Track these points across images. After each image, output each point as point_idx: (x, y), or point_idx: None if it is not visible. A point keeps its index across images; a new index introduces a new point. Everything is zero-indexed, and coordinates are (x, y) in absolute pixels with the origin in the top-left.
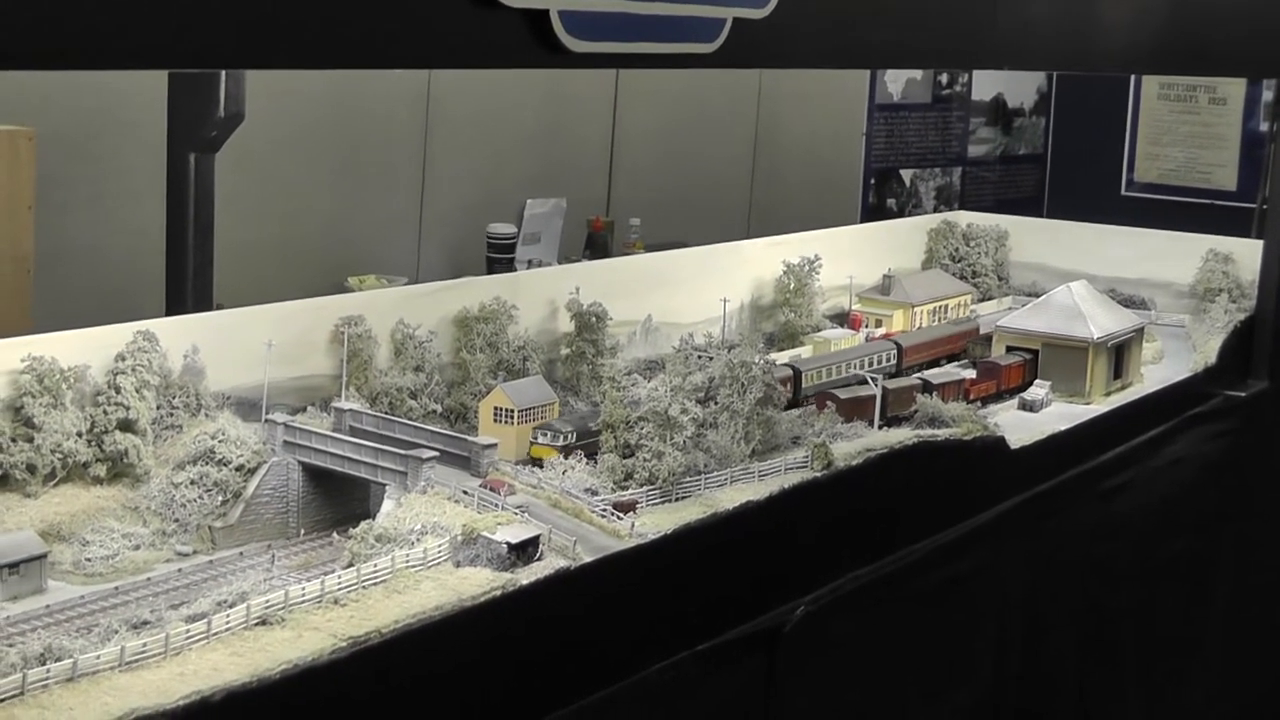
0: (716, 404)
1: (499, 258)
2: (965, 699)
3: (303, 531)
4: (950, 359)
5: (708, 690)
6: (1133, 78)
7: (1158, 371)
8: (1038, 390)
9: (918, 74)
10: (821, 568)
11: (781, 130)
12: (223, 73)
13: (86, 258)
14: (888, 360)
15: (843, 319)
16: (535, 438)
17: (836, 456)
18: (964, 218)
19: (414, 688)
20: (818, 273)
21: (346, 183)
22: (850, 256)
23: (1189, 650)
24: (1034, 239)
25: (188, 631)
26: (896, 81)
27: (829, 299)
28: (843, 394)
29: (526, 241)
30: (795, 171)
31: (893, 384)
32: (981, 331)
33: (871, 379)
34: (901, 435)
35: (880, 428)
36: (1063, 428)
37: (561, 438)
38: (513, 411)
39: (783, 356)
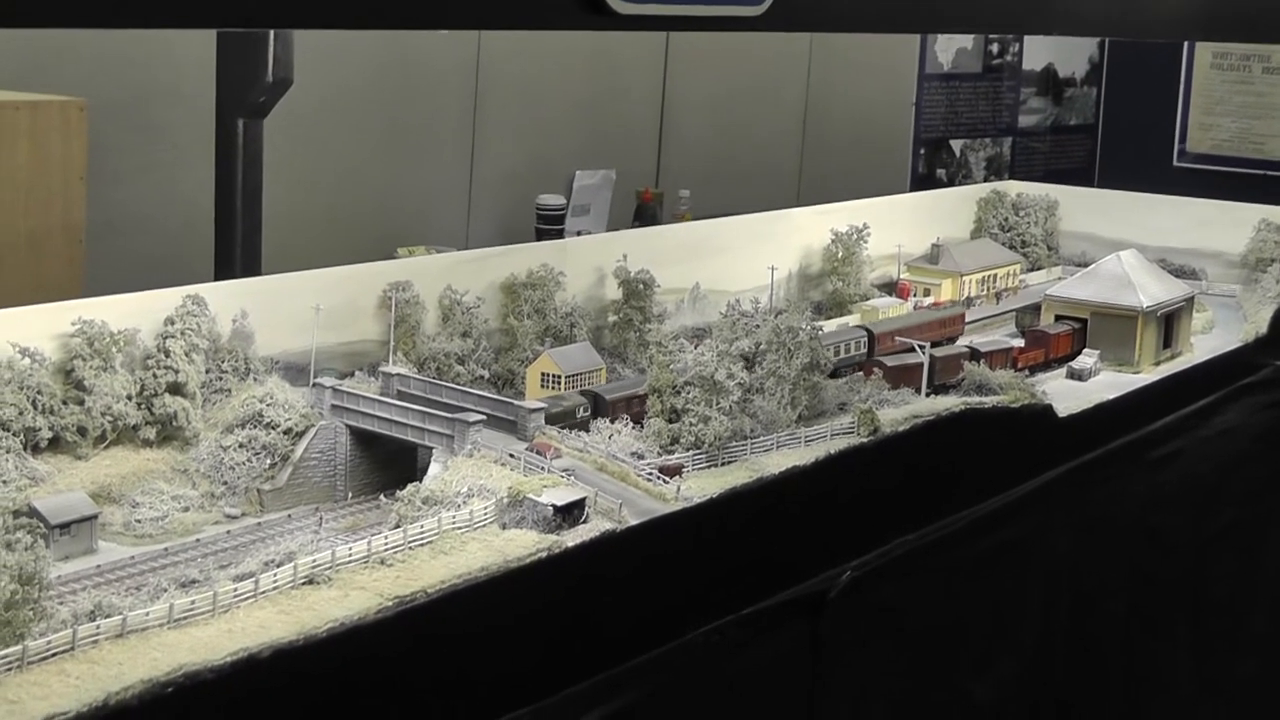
0: (763, 369)
1: (548, 229)
2: (1011, 667)
3: (350, 495)
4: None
5: (752, 655)
6: (1185, 47)
7: (1208, 341)
8: (1086, 359)
9: (968, 43)
10: (867, 533)
11: (831, 100)
12: (271, 37)
13: (137, 227)
14: (857, 349)
15: (891, 288)
16: None
17: (883, 422)
18: (1014, 187)
19: (459, 648)
20: (866, 241)
21: (395, 152)
22: (898, 226)
23: (1239, 620)
24: (1084, 209)
25: (235, 590)
26: (947, 51)
27: (877, 268)
28: (890, 361)
29: (575, 213)
30: (844, 142)
31: (940, 351)
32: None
33: (919, 346)
34: (949, 402)
35: (927, 395)
36: (1111, 397)
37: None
38: (560, 377)
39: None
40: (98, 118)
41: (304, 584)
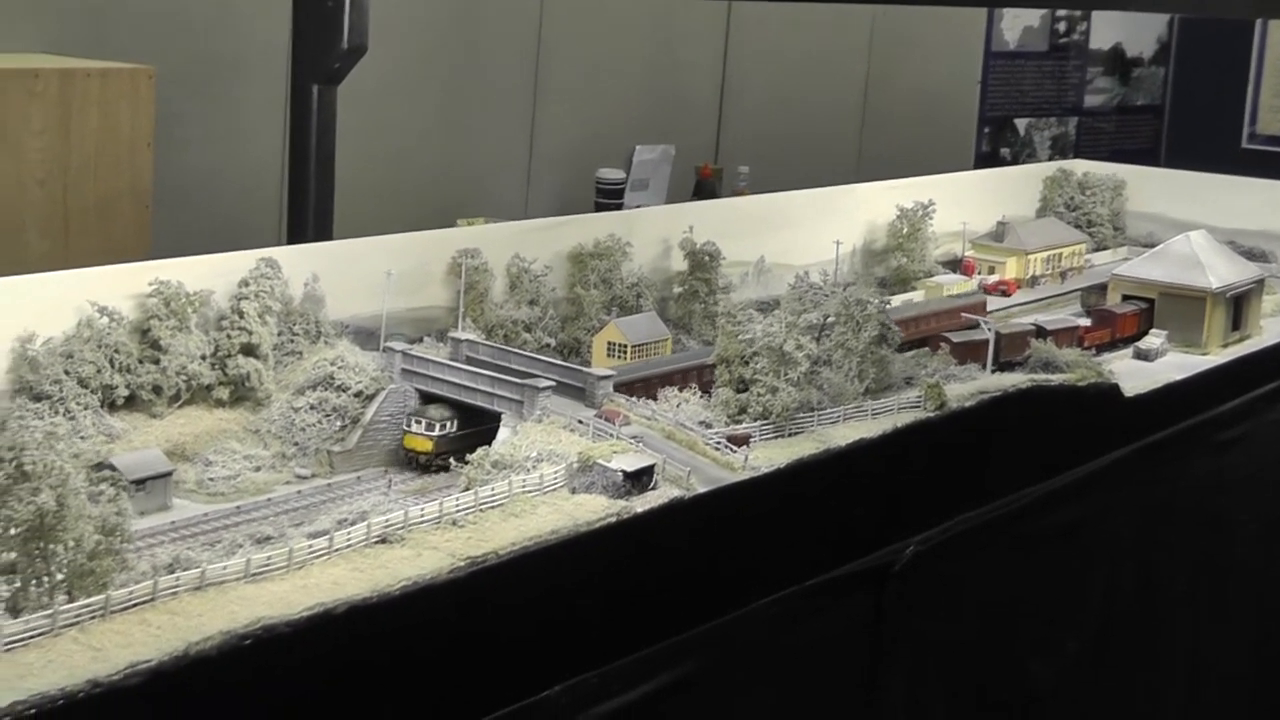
0: (831, 341)
1: (607, 203)
2: (1071, 646)
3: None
4: (922, 342)
5: (815, 626)
6: (1257, 27)
7: (1278, 324)
8: (1153, 339)
9: (1035, 21)
10: (932, 508)
11: (893, 79)
12: (347, 4)
13: (203, 194)
14: None
15: (955, 265)
16: (409, 426)
17: (950, 398)
18: (1080, 166)
19: (529, 609)
20: (931, 218)
21: (457, 124)
22: (963, 203)
23: None
24: (1151, 189)
25: (310, 547)
26: (1013, 29)
27: (942, 245)
28: (956, 337)
29: (634, 188)
30: (906, 120)
31: (1006, 328)
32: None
33: (984, 323)
34: (1015, 379)
35: (993, 371)
36: (1178, 378)
37: (439, 426)
38: (626, 346)
39: None
40: (166, 85)
41: (377, 543)
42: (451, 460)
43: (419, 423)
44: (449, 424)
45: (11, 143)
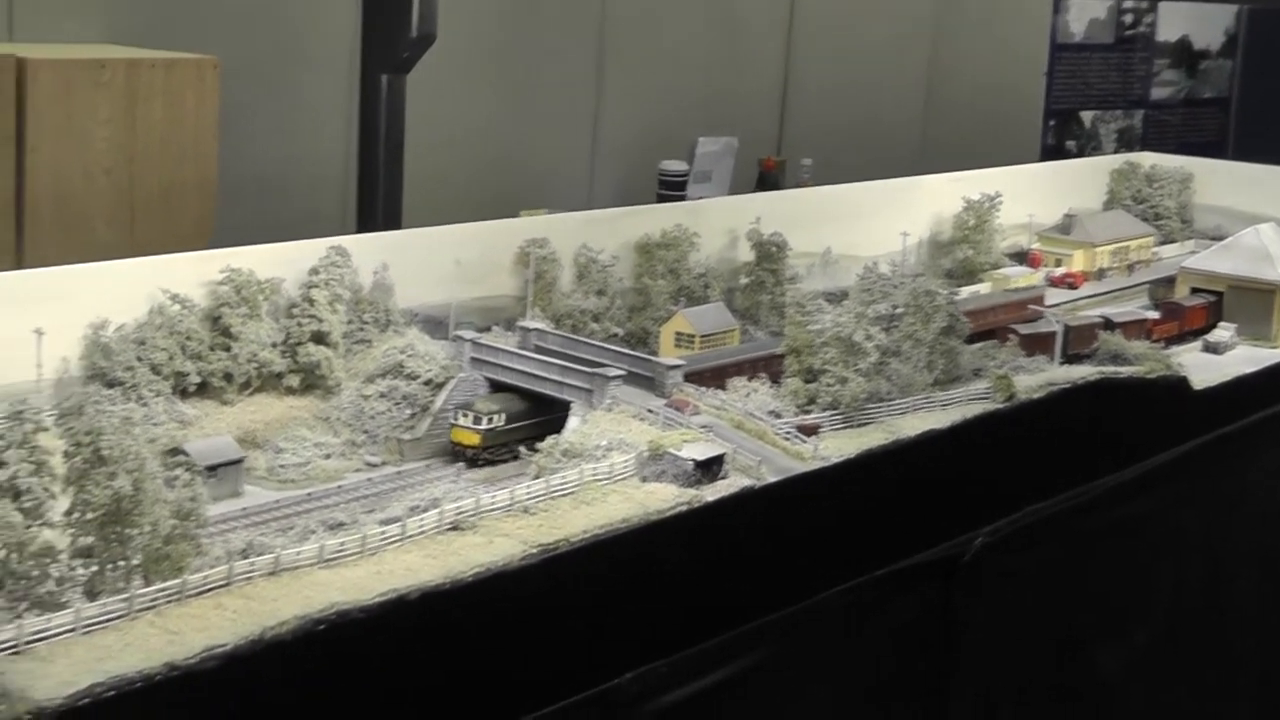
0: (899, 332)
1: (669, 195)
2: (1141, 638)
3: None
4: (987, 335)
5: (884, 616)
6: None
7: None
8: (1222, 332)
9: (1101, 13)
10: (1001, 500)
11: (957, 71)
12: None
13: (266, 183)
14: None
15: (1022, 257)
16: (456, 419)
17: (1019, 389)
18: (1147, 159)
19: (600, 596)
20: (998, 210)
21: (521, 115)
22: (1030, 195)
23: None
24: (1219, 182)
25: (383, 533)
26: (1079, 21)
27: (1008, 237)
28: (1024, 329)
29: (697, 180)
30: (970, 113)
31: (1074, 321)
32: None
33: (1052, 315)
34: (1084, 371)
35: (1061, 363)
36: (1247, 371)
37: (486, 420)
38: (694, 336)
39: None
40: (231, 76)
41: (449, 529)
42: (503, 451)
43: (466, 416)
44: (496, 417)
45: (78, 132)
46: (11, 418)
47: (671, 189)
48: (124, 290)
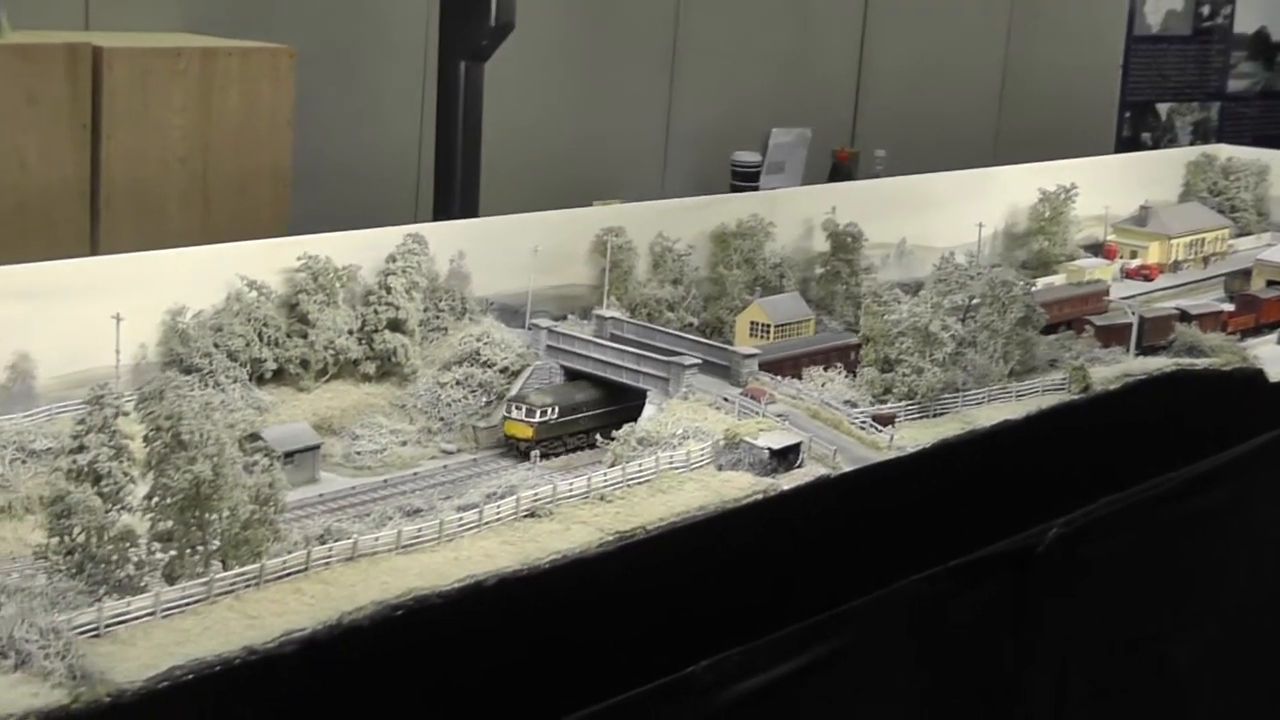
0: (976, 322)
1: (743, 186)
2: (1214, 630)
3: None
4: (1066, 325)
5: (958, 606)
6: None
7: None
8: None
9: (1178, 5)
10: (1076, 491)
11: (1032, 63)
12: None
13: (340, 173)
14: None
15: (1097, 249)
16: (509, 411)
17: (1094, 381)
18: (1224, 151)
19: (676, 583)
20: (1074, 201)
21: (595, 104)
22: (1105, 187)
23: None
24: None
25: (460, 519)
26: (1156, 13)
27: (1084, 229)
28: (1099, 320)
29: (770, 171)
30: (1045, 104)
31: (1149, 312)
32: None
33: (1128, 307)
34: (1160, 363)
35: (1137, 355)
36: None
37: (539, 413)
38: (769, 326)
39: None
40: (305, 65)
41: (526, 516)
42: (556, 444)
43: (519, 409)
44: (550, 410)
45: (153, 121)
46: (92, 402)
47: (745, 180)
48: (202, 277)
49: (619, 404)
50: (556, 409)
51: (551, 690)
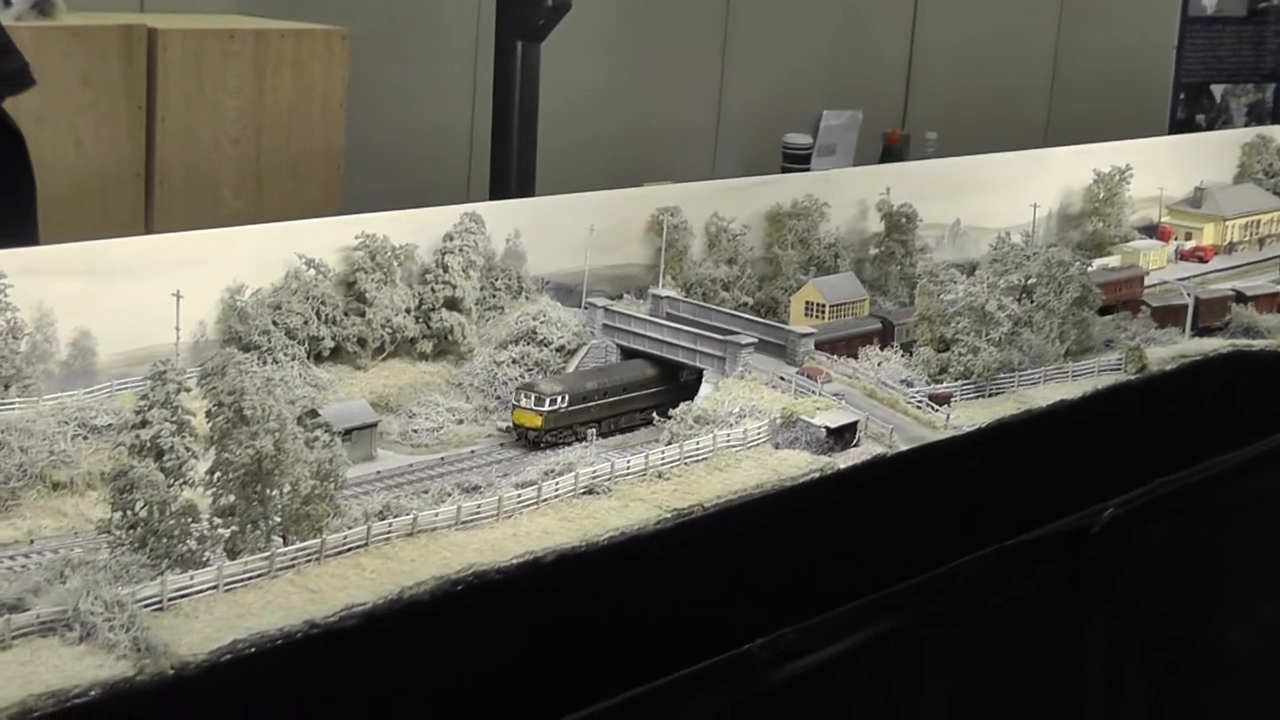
0: (1032, 302)
1: (794, 168)
2: (1269, 613)
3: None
4: (1105, 311)
5: (1013, 586)
6: None
7: None
8: None
9: None
10: (1131, 471)
11: (1085, 44)
12: None
13: (392, 153)
14: None
15: (1152, 231)
16: (519, 400)
17: (1150, 361)
18: (1279, 133)
19: (733, 561)
20: (1128, 183)
21: (646, 85)
22: (1159, 169)
23: None
24: None
25: (519, 496)
26: None
27: (1138, 210)
28: (1155, 301)
29: (822, 153)
30: (1097, 87)
31: (1205, 293)
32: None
33: (1183, 288)
34: (1215, 344)
35: (1192, 336)
36: None
37: (548, 401)
38: (824, 306)
39: None
40: (358, 46)
41: (584, 494)
42: (566, 433)
43: (528, 397)
44: (560, 399)
45: (208, 101)
46: (154, 378)
47: (796, 162)
48: (260, 255)
49: (634, 393)
50: (566, 397)
51: (608, 665)
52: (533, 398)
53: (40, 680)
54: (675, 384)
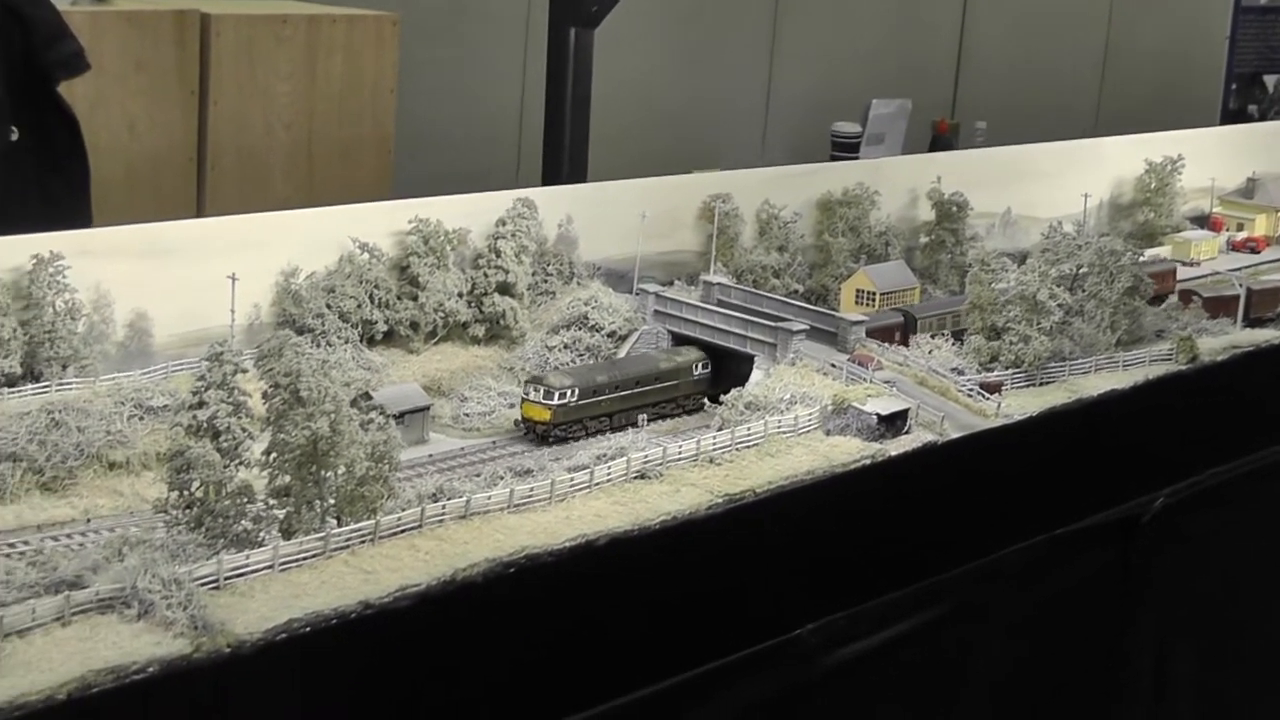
0: (1084, 292)
1: (842, 157)
2: None
3: None
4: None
5: (1063, 575)
6: None
7: None
8: None
9: None
10: (1182, 461)
11: (1136, 34)
12: None
13: (441, 139)
14: None
15: (1203, 221)
16: (528, 394)
17: (1202, 351)
18: None
19: (784, 546)
20: (1180, 173)
21: (695, 73)
22: (1211, 159)
23: None
24: None
25: (571, 480)
26: None
27: (1189, 201)
28: (1207, 291)
29: (870, 142)
30: (1148, 77)
31: (1257, 284)
32: None
33: (1235, 279)
34: (1267, 334)
35: (1244, 327)
36: None
37: (557, 395)
38: (874, 294)
39: None
40: (409, 34)
41: (636, 478)
42: (576, 428)
43: (536, 390)
44: (569, 393)
45: (259, 87)
46: (212, 359)
47: (844, 151)
48: (314, 238)
49: (646, 386)
50: (576, 391)
51: (659, 649)
52: (541, 391)
53: (99, 656)
54: (689, 377)
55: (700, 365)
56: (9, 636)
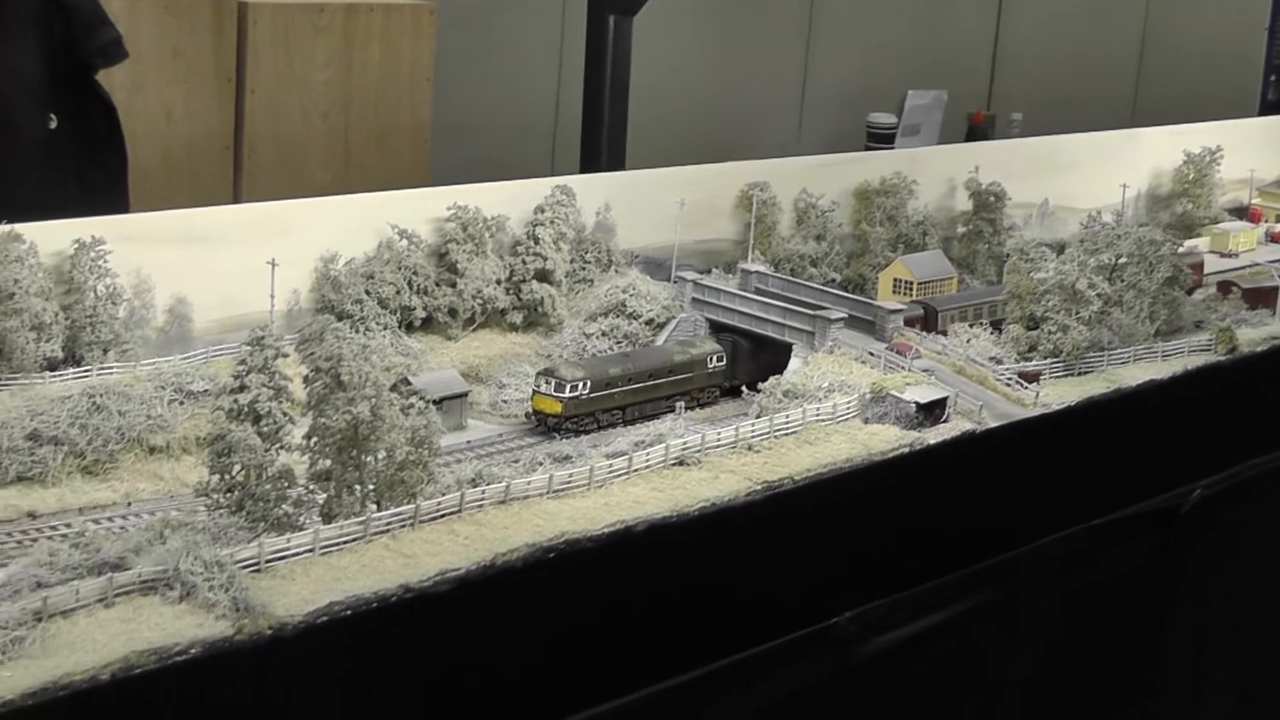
0: (1123, 281)
1: (878, 147)
2: None
3: None
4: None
5: (1101, 565)
6: None
7: None
8: None
9: None
10: (1221, 452)
11: (1173, 25)
12: None
13: (479, 128)
14: None
15: (1242, 213)
16: (539, 386)
17: (1241, 342)
18: None
19: (822, 534)
20: (1219, 164)
21: (730, 64)
22: (1250, 150)
23: None
24: None
25: (610, 466)
26: None
27: (1228, 192)
28: (1246, 283)
29: (906, 133)
30: (1185, 68)
31: None
32: None
33: (1274, 270)
34: None
35: None
36: None
37: (569, 387)
38: (912, 284)
39: None
40: (446, 23)
41: (674, 464)
42: (587, 421)
43: (548, 382)
44: (581, 385)
45: (297, 76)
46: (253, 344)
47: (880, 142)
48: (353, 225)
49: (659, 379)
50: (588, 383)
51: (697, 635)
52: (553, 383)
53: (142, 637)
54: (704, 370)
55: (715, 358)
56: (53, 617)
